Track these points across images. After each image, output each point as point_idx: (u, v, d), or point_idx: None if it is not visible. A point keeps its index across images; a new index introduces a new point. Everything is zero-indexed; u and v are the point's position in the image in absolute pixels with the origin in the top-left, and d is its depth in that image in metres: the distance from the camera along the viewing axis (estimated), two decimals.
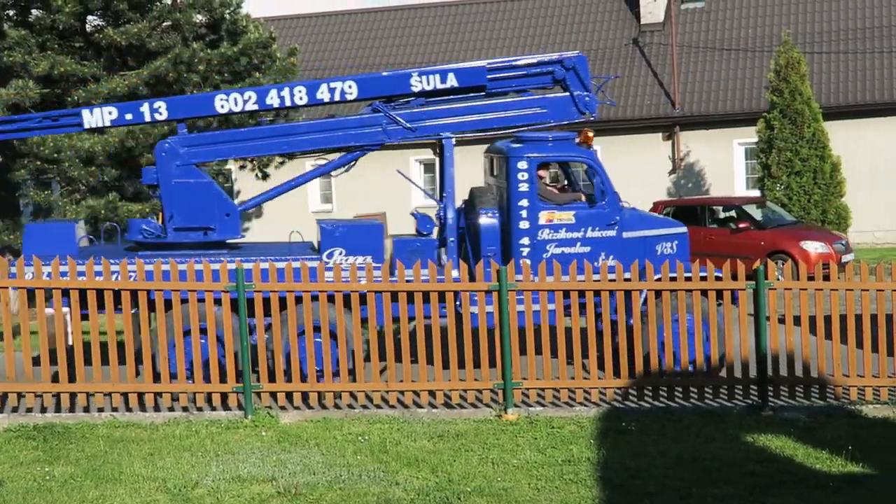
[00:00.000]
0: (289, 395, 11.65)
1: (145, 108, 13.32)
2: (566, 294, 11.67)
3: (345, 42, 33.81)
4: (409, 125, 13.26)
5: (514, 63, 13.64)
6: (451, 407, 11.65)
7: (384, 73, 14.16)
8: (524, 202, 12.82)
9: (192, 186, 13.00)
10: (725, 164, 28.69)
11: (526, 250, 12.78)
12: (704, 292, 11.72)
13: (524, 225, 12.82)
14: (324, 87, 13.33)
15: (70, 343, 12.04)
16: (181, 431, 10.88)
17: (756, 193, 26.35)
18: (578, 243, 12.83)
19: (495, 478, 9.15)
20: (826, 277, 11.59)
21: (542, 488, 8.86)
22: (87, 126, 13.55)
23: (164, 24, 21.44)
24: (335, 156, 14.05)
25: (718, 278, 11.65)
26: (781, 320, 11.81)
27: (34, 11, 20.71)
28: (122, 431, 10.94)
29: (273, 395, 11.59)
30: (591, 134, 13.24)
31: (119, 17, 20.79)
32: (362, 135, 13.39)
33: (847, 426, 10.60)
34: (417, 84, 13.33)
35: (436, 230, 13.36)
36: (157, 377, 11.71)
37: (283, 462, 9.71)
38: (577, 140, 13.27)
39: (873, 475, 9.04)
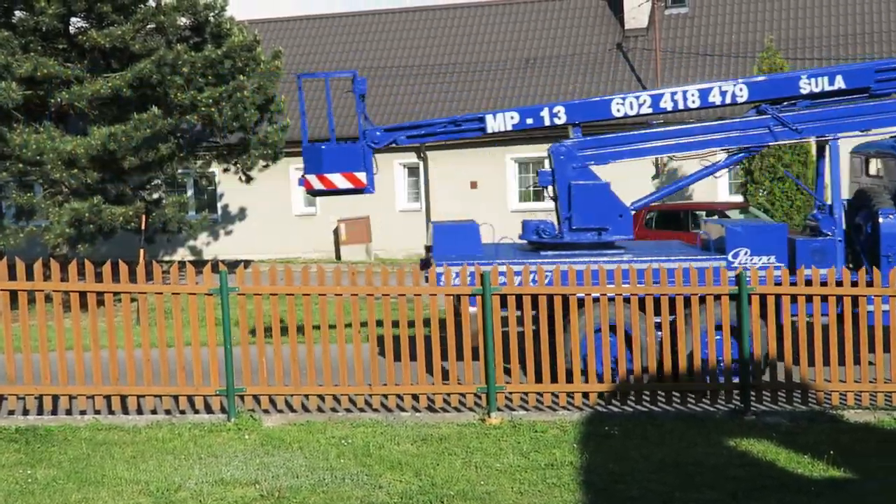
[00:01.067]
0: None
1: (545, 112, 13.66)
2: None
3: (329, 45, 33.81)
4: (795, 126, 13.38)
5: None
6: (435, 411, 11.66)
7: (774, 76, 14.20)
8: None
9: (590, 188, 13.24)
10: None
11: None
12: None
13: None
14: (715, 90, 13.59)
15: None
16: (164, 434, 10.85)
17: (739, 199, 26.45)
18: None
19: (478, 481, 9.16)
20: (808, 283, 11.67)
21: (525, 492, 8.87)
22: (489, 130, 13.85)
23: (148, 26, 21.41)
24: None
25: None
26: None
27: (17, 13, 20.63)
28: (105, 434, 10.90)
29: (256, 398, 11.58)
30: None
31: (103, 20, 20.73)
32: (750, 136, 13.56)
33: (829, 431, 10.65)
34: (806, 86, 13.53)
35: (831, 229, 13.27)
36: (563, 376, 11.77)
37: (266, 465, 9.69)
38: None
39: (854, 480, 9.08)
